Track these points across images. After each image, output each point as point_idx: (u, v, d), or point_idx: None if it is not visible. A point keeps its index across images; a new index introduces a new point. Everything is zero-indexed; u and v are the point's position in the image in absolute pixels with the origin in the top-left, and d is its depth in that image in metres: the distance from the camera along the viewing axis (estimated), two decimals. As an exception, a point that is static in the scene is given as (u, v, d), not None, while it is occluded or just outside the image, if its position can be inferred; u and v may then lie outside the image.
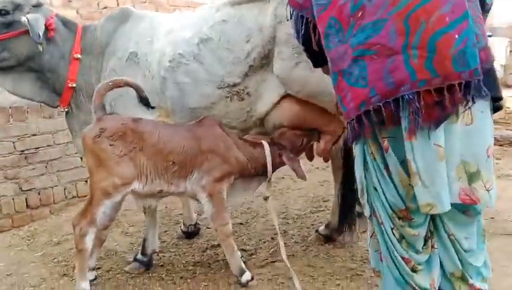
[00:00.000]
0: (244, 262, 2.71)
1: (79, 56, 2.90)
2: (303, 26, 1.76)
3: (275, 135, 2.73)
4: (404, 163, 1.58)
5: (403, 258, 1.71)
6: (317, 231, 3.29)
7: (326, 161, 2.91)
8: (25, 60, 2.83)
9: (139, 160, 2.45)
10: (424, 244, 1.72)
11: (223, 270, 2.85)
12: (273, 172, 2.71)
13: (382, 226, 1.73)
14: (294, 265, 2.79)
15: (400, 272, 1.74)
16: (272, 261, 2.92)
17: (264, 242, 3.30)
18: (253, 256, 3.06)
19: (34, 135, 4.29)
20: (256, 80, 2.61)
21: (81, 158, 4.55)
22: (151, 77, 2.76)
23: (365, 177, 1.74)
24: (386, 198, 1.67)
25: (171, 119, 2.81)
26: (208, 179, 2.54)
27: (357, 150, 1.75)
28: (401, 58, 1.45)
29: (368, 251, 2.64)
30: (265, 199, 2.74)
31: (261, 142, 2.69)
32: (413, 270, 1.71)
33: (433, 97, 1.45)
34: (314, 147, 2.80)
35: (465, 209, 1.65)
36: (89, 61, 2.94)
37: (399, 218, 1.67)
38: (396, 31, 1.45)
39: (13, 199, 4.14)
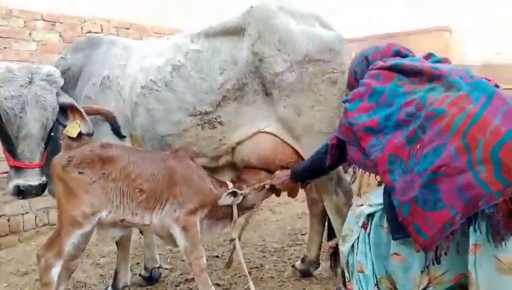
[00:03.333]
0: (219, 298, 2.64)
1: None
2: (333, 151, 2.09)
3: (237, 175, 2.72)
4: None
5: None
6: (293, 265, 3.25)
7: (294, 197, 2.87)
8: None
9: (108, 186, 2.38)
10: None
11: (196, 306, 2.77)
12: (239, 216, 2.65)
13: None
14: (270, 301, 2.75)
15: None
16: (246, 297, 2.86)
17: (240, 276, 3.23)
18: (228, 291, 2.99)
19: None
20: (229, 111, 2.60)
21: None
22: (122, 101, 2.75)
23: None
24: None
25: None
26: (181, 212, 2.46)
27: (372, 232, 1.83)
28: (470, 174, 1.50)
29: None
30: (231, 240, 2.66)
31: (226, 182, 2.65)
32: None
33: (509, 206, 1.49)
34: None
35: None
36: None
37: None
38: (456, 150, 1.54)
39: (-20, 226, 3.97)
